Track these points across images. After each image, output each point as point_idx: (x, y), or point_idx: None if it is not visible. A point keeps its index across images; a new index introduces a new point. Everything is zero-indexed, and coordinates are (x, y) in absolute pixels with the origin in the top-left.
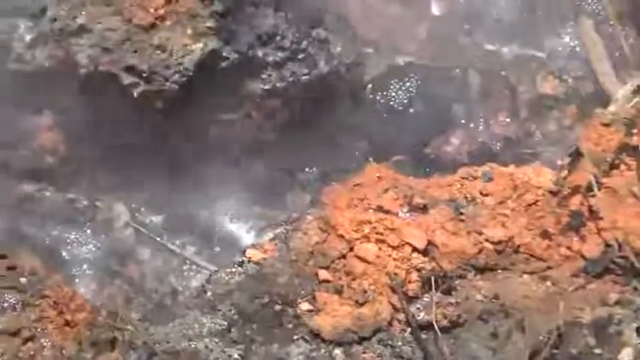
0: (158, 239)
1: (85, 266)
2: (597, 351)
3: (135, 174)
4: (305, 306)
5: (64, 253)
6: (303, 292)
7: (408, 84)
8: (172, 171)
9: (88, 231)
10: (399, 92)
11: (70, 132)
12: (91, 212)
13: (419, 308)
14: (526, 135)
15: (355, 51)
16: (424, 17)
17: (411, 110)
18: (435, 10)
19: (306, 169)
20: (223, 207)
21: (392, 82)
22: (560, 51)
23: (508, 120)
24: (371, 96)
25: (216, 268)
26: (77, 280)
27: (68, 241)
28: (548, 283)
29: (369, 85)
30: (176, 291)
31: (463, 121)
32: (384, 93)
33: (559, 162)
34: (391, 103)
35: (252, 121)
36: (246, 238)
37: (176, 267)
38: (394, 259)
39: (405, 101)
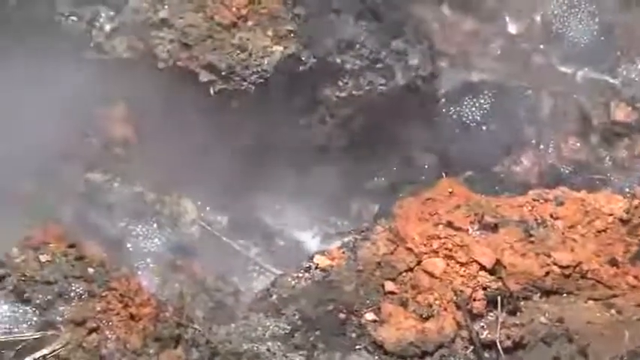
0: (224, 238)
1: (149, 259)
2: None
3: (204, 171)
4: (370, 316)
5: (129, 246)
6: (368, 302)
7: (481, 101)
8: (242, 171)
9: (155, 225)
10: (472, 108)
11: (143, 125)
12: (158, 206)
13: (483, 327)
14: (596, 160)
15: (431, 64)
16: (500, 35)
17: (483, 127)
18: (512, 28)
19: (375, 179)
20: (290, 211)
21: (465, 97)
22: (634, 78)
23: (579, 144)
24: (444, 110)
25: (280, 272)
26: (140, 274)
27: (134, 233)
28: (613, 310)
29: (443, 100)
30: (239, 291)
31: (534, 142)
32: (457, 108)
33: (627, 190)
34: (463, 118)
35: (325, 127)
36: (311, 243)
37: (240, 267)
38: (461, 276)
39: (478, 118)
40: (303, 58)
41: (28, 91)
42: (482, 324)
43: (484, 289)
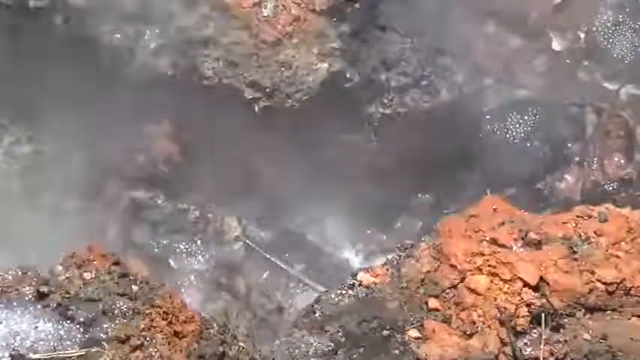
0: (267, 255)
1: (192, 277)
2: None
3: (248, 188)
4: (413, 333)
5: (172, 263)
6: (411, 319)
7: (525, 117)
8: (285, 188)
9: (198, 242)
10: (516, 125)
11: (188, 142)
12: (202, 224)
13: (526, 343)
14: None
15: (476, 81)
16: (544, 51)
17: (527, 144)
18: (556, 45)
19: (419, 196)
20: (334, 228)
21: (510, 114)
22: None
23: (623, 161)
24: (488, 127)
25: (324, 289)
26: (184, 291)
27: (178, 251)
28: None
29: (487, 116)
30: (282, 308)
31: (578, 159)
32: (501, 125)
33: None
34: (507, 135)
35: (369, 145)
36: (355, 260)
37: (283, 284)
38: (505, 293)
39: (522, 135)
40: (348, 75)
41: (73, 109)
42: (525, 341)
43: (528, 305)
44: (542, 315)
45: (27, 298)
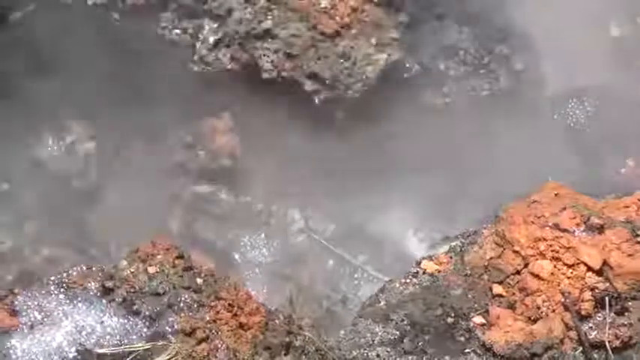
0: (331, 246)
1: (257, 270)
2: None
3: (310, 181)
4: (478, 319)
5: (236, 256)
6: (476, 305)
7: (585, 104)
8: (346, 180)
9: (262, 235)
10: (577, 111)
11: (248, 135)
12: (265, 216)
13: (591, 327)
14: None
15: (536, 69)
16: (605, 38)
17: (588, 130)
18: (616, 31)
19: (481, 182)
20: (395, 218)
21: (571, 101)
22: None
23: None
24: (549, 114)
25: (387, 278)
26: (248, 284)
27: (242, 244)
28: None
29: (548, 104)
30: (347, 298)
31: (638, 145)
32: (562, 112)
33: None
34: (568, 122)
35: (429, 134)
36: (418, 248)
37: (347, 274)
38: (568, 278)
39: (582, 121)
40: (407, 65)
41: (134, 106)
42: (590, 325)
43: (592, 290)
44: (607, 299)
45: (92, 293)
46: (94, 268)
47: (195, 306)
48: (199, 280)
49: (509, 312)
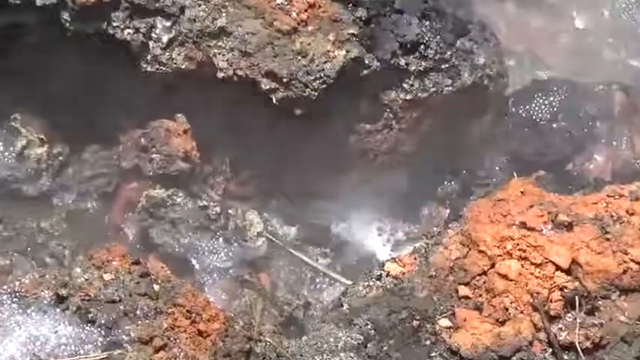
0: (291, 250)
1: (215, 275)
2: None
3: (269, 183)
4: (444, 322)
5: (194, 261)
6: (442, 308)
7: (550, 98)
8: (308, 180)
9: (220, 239)
10: (542, 107)
11: (204, 137)
12: (223, 220)
13: (561, 328)
14: None
15: (499, 63)
16: (568, 30)
17: (554, 125)
18: (579, 23)
19: (445, 182)
20: (358, 219)
21: (535, 96)
22: None
23: None
24: (513, 109)
25: (350, 281)
26: (207, 289)
27: (199, 249)
28: None
29: (512, 99)
30: (309, 303)
31: (606, 139)
32: (527, 107)
33: None
34: (533, 117)
35: (391, 132)
36: (382, 250)
37: (309, 278)
38: (536, 277)
39: (548, 116)
40: (366, 62)
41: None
42: (560, 325)
43: (561, 289)
44: (576, 298)
45: (46, 302)
46: (47, 276)
47: (152, 313)
48: (156, 287)
49: (476, 314)
